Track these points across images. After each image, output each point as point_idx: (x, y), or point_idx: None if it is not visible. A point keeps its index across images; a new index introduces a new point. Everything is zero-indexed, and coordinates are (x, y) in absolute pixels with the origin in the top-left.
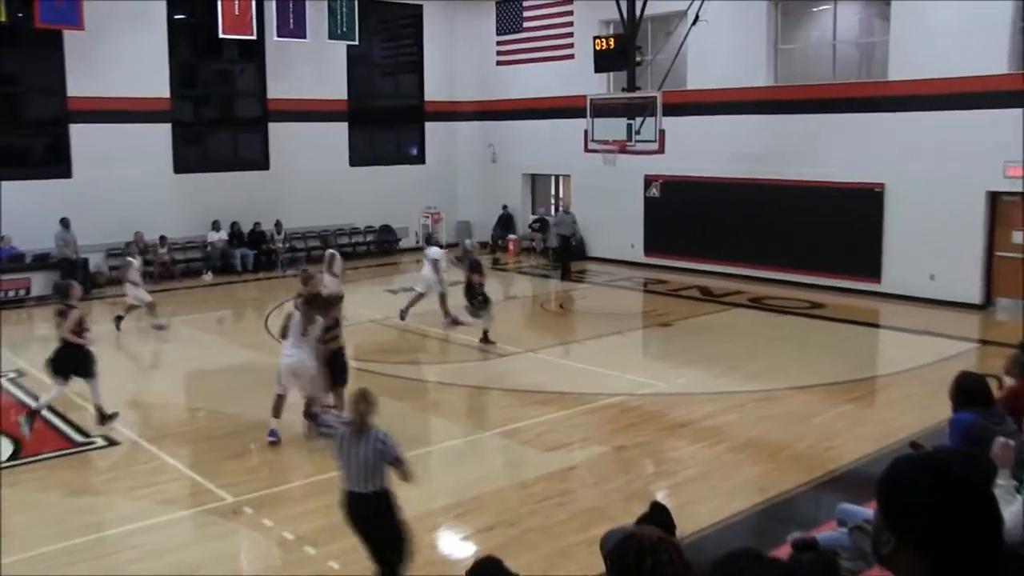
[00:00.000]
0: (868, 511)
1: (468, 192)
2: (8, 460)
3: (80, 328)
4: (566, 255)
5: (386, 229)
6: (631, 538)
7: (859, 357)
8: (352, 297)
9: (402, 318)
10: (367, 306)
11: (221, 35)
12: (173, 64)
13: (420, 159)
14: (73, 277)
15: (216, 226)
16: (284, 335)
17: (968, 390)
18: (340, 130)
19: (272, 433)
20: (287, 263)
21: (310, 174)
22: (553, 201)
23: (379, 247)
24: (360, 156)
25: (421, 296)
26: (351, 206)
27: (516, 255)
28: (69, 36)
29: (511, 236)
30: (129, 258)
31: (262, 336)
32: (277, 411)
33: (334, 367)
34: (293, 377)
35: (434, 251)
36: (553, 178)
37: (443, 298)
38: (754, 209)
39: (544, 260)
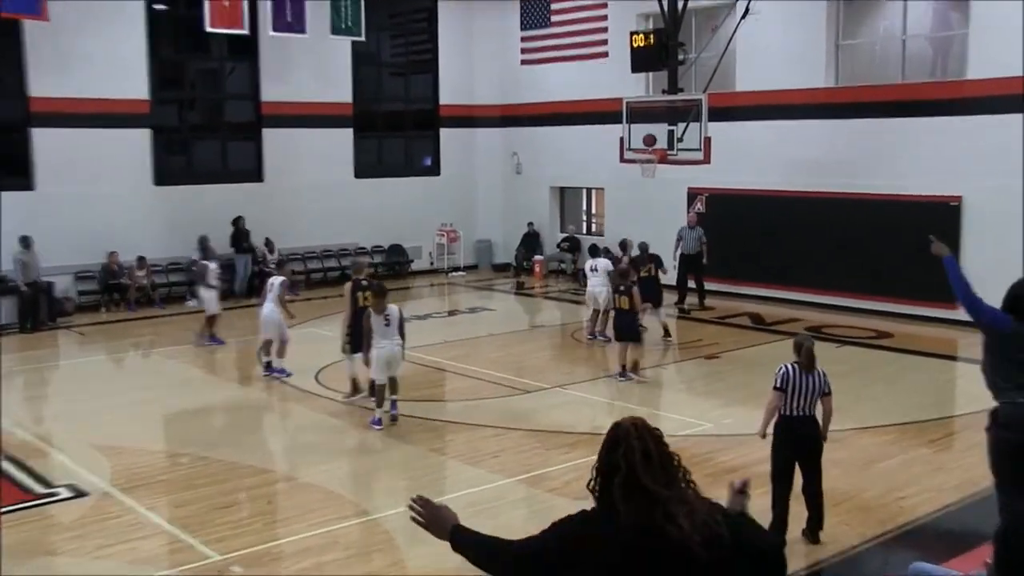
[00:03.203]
0: (948, 571)
1: (489, 208)
2: None
3: None
4: (692, 279)
5: (396, 249)
6: (612, 427)
7: (934, 394)
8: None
9: (594, 336)
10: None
11: (209, 29)
12: (153, 62)
13: (434, 170)
14: (35, 303)
15: (203, 244)
16: (354, 343)
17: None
18: (344, 138)
19: (377, 422)
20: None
21: (310, 187)
22: (584, 217)
23: (388, 269)
24: (366, 167)
25: (597, 313)
26: (356, 223)
27: (543, 278)
28: (31, 28)
29: (537, 257)
30: (207, 262)
31: (253, 369)
32: (380, 400)
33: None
34: (387, 366)
35: (603, 263)
36: (584, 192)
37: (606, 314)
38: (812, 226)
39: (575, 284)
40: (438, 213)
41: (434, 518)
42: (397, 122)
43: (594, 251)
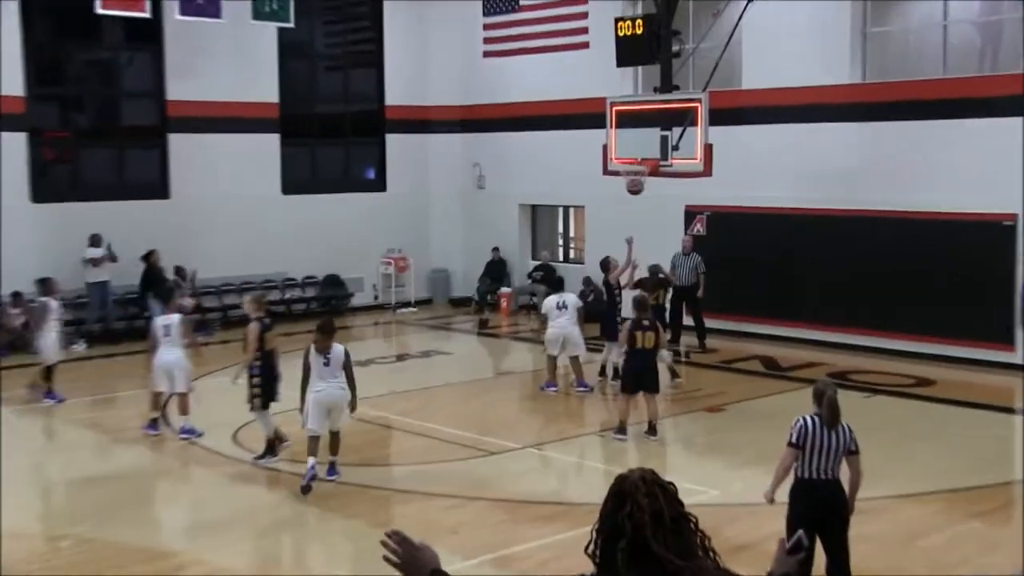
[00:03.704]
0: None
1: (446, 231)
2: None
3: None
4: (689, 315)
5: (333, 281)
6: (616, 480)
7: (988, 454)
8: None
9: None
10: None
11: (100, 11)
12: (28, 50)
13: (380, 185)
14: None
15: (42, 282)
16: (266, 395)
17: None
18: (269, 145)
19: (309, 482)
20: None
21: (227, 205)
22: (562, 240)
23: (323, 305)
24: (296, 181)
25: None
26: (284, 249)
27: (511, 315)
28: None
29: (504, 290)
30: (47, 299)
31: (162, 427)
32: (312, 448)
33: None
34: (326, 413)
35: (572, 298)
36: (561, 211)
37: (576, 360)
38: (835, 251)
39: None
40: (384, 237)
41: (411, 559)
42: (334, 127)
43: (555, 284)
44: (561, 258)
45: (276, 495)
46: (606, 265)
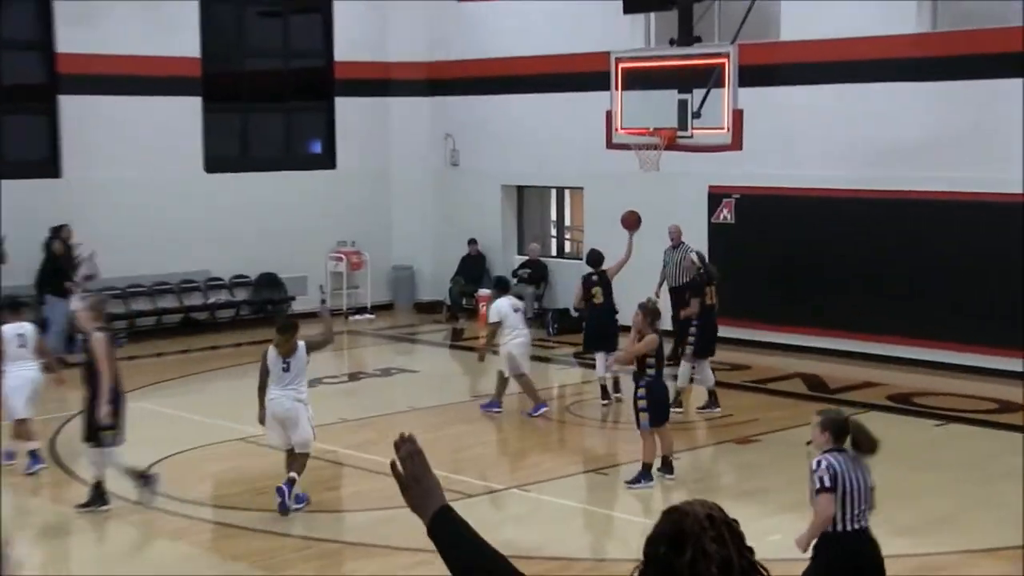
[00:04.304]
0: None
1: (410, 218)
2: None
3: None
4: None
5: (269, 281)
6: (670, 515)
7: None
8: (206, 400)
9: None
10: (239, 415)
11: None
12: None
13: (328, 161)
14: None
15: None
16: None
17: None
18: (188, 111)
19: (283, 506)
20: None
21: (134, 186)
22: (555, 231)
23: (257, 311)
24: (223, 156)
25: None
26: (208, 242)
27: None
28: None
29: (482, 292)
30: None
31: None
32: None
33: None
34: (280, 427)
35: (514, 302)
36: (554, 193)
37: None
38: (896, 244)
39: (541, 332)
40: (333, 226)
41: (417, 480)
42: (270, 88)
43: (500, 284)
44: (554, 252)
45: (204, 544)
46: (597, 259)
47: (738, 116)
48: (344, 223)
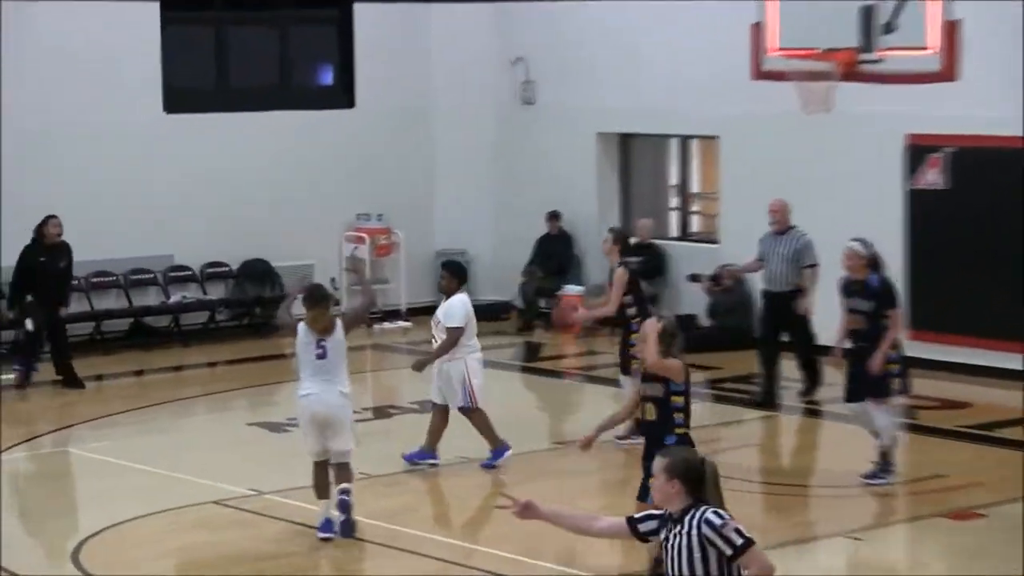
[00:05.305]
0: None
1: (462, 182)
2: None
3: None
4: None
5: (257, 272)
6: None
7: None
8: (166, 444)
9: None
10: (213, 467)
11: None
12: None
13: (342, 96)
14: None
15: None
16: None
17: None
18: (142, 23)
19: (325, 527)
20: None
21: (67, 137)
22: (677, 202)
23: (241, 315)
24: (192, 91)
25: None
26: (170, 217)
27: (582, 333)
28: None
29: (570, 288)
30: None
31: None
32: (321, 488)
33: None
34: (319, 431)
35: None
36: (675, 144)
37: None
38: None
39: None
40: (351, 192)
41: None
42: None
43: (456, 270)
44: (674, 232)
45: None
46: (619, 236)
47: (951, 30)
48: (366, 188)
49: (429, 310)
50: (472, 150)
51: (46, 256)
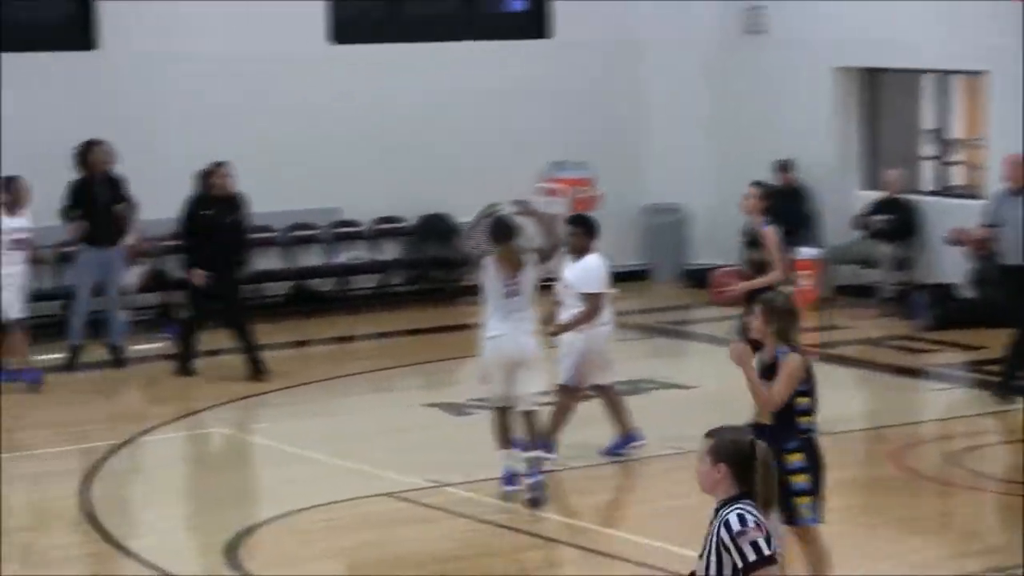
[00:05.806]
0: None
1: (677, 127)
2: None
3: None
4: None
5: (435, 228)
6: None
7: None
8: (332, 429)
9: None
10: (386, 455)
11: None
12: None
13: (536, 27)
14: None
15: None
16: None
17: None
18: None
19: (508, 480)
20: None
21: (208, 70)
22: (935, 148)
23: (416, 279)
24: (364, 21)
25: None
26: (335, 165)
27: (819, 306)
28: None
29: (804, 252)
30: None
31: None
32: (503, 435)
33: None
34: (505, 372)
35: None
36: (932, 81)
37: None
38: None
39: (906, 323)
40: (545, 138)
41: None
42: None
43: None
44: (929, 186)
45: None
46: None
47: None
48: (564, 133)
49: (638, 275)
50: (688, 89)
51: (213, 209)
